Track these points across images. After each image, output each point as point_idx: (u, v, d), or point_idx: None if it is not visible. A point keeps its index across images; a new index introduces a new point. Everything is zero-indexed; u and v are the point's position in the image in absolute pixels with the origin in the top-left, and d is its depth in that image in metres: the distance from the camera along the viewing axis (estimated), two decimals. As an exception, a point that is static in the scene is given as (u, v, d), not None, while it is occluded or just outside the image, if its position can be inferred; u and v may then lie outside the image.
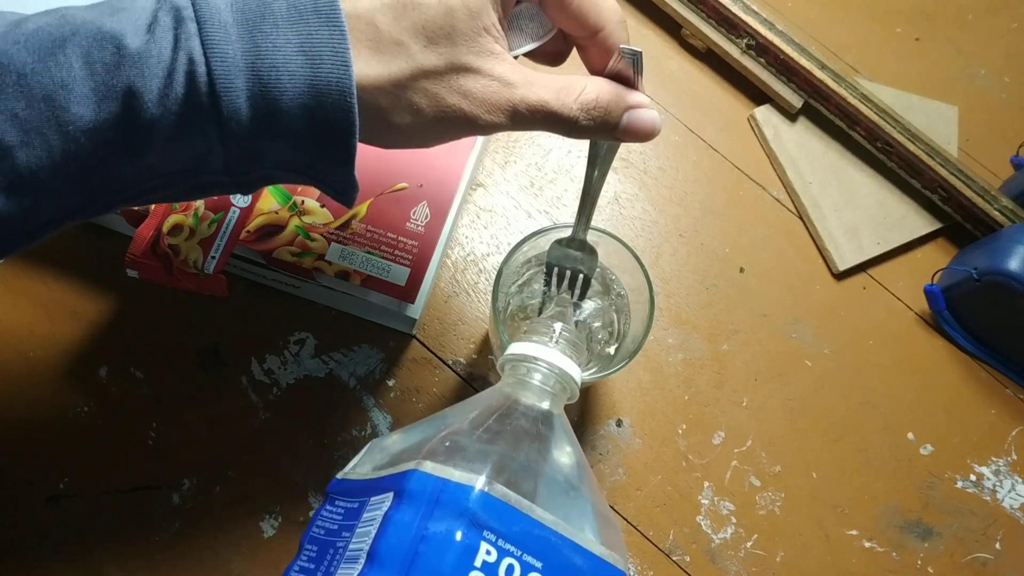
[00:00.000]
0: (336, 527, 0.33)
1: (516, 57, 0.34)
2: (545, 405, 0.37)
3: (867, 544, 0.50)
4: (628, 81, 0.34)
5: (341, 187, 0.31)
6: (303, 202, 0.47)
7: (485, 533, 0.29)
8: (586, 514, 0.34)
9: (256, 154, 0.29)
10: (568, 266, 0.44)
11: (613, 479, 0.50)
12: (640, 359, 0.52)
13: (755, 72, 0.59)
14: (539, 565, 0.30)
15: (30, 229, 0.28)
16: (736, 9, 0.57)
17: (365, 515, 0.31)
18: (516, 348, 0.38)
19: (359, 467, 0.36)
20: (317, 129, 0.28)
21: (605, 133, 0.34)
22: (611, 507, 0.49)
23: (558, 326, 0.38)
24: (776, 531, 0.50)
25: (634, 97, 0.34)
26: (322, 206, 0.47)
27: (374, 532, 0.30)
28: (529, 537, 0.30)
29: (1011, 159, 0.60)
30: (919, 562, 0.50)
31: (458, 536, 0.29)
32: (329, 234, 0.47)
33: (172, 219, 0.44)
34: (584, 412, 0.51)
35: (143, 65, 0.26)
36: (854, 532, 0.51)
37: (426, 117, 0.30)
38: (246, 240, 0.46)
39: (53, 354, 0.48)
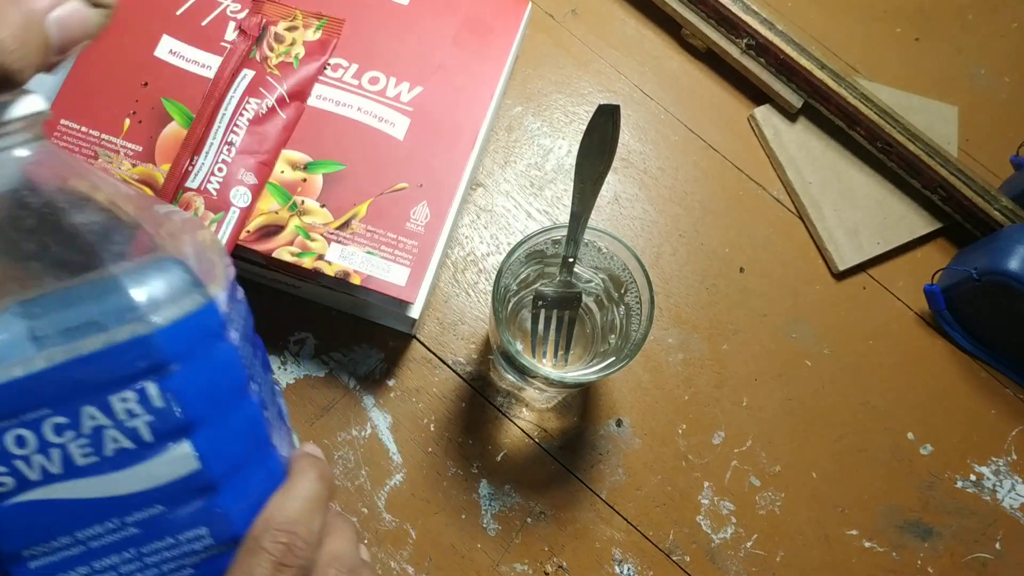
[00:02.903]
0: None
1: None
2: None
3: (867, 544, 0.51)
4: None
5: None
6: (303, 202, 0.47)
7: None
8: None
9: None
10: (560, 291, 0.45)
11: (613, 479, 0.50)
12: (640, 359, 0.52)
13: (755, 72, 0.59)
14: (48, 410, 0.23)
15: None
16: (736, 9, 0.57)
17: None
18: None
19: None
20: None
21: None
22: (611, 507, 0.50)
23: None
24: (776, 531, 0.50)
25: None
26: (322, 206, 0.47)
27: None
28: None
29: (1011, 159, 0.60)
30: (919, 562, 0.50)
31: None
32: (329, 234, 0.47)
33: (172, 219, 0.44)
34: (584, 412, 0.51)
35: None
36: (854, 532, 0.51)
37: None
38: (246, 240, 0.46)
39: (53, 354, 0.48)
